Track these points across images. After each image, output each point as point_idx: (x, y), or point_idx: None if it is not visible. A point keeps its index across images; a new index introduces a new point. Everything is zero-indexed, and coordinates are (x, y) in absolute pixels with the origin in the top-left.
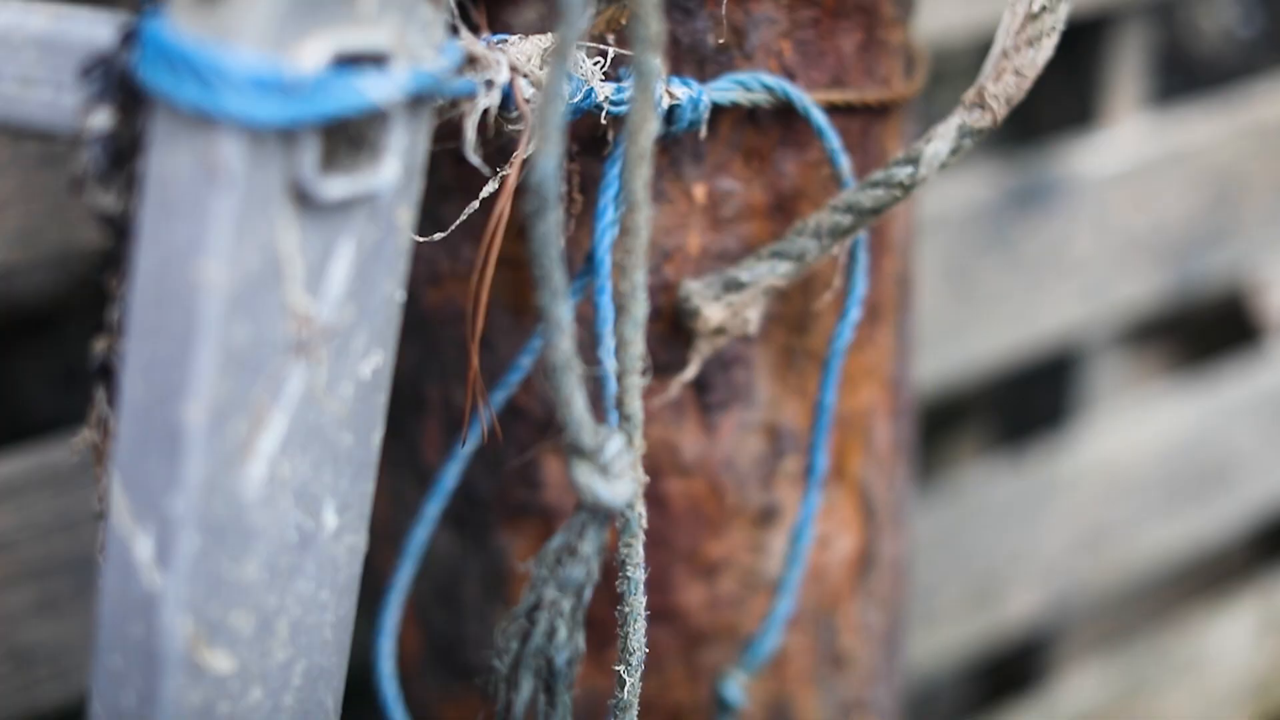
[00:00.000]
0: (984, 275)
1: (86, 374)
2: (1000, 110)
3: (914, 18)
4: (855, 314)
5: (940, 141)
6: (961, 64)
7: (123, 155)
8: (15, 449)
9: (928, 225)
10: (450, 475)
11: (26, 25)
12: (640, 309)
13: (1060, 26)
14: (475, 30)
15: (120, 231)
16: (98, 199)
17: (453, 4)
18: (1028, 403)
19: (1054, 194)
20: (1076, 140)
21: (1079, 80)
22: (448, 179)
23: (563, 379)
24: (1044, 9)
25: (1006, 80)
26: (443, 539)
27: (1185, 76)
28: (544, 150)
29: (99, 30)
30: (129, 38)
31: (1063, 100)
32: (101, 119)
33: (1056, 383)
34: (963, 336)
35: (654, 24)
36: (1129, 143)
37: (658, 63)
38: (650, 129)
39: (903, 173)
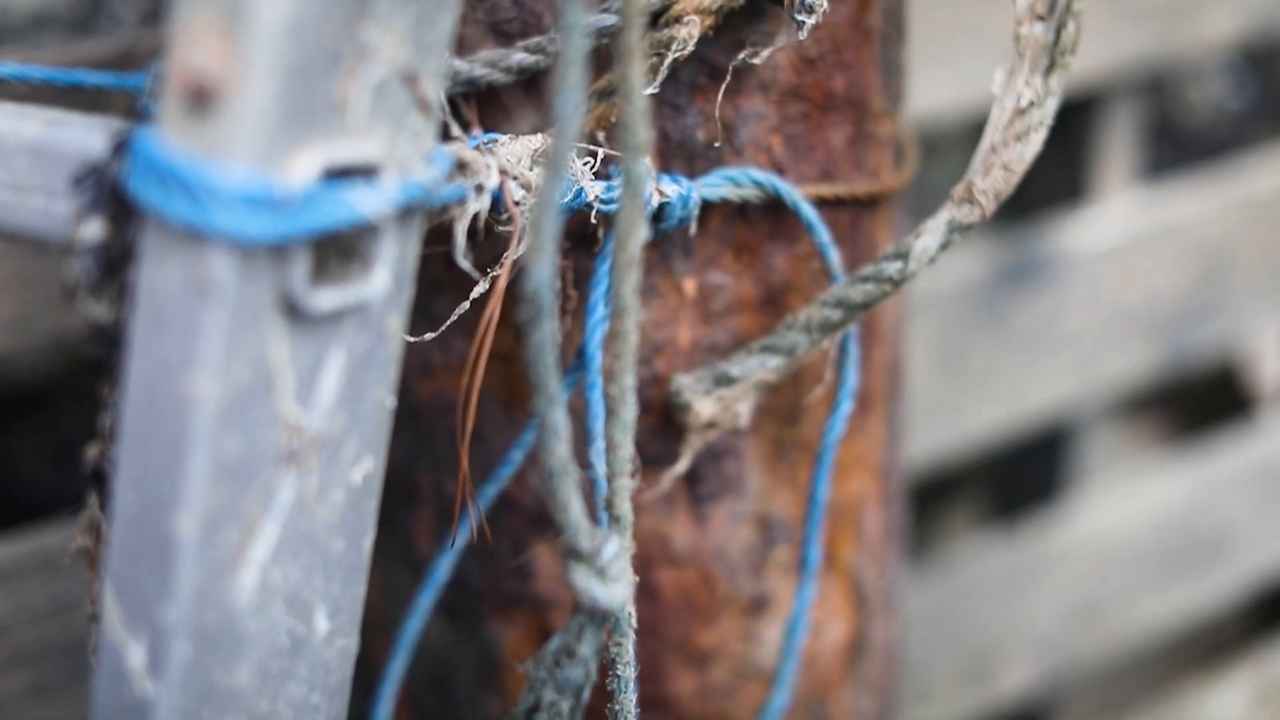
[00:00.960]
0: (976, 351)
1: (80, 449)
2: (989, 205)
3: (903, 109)
4: (846, 407)
5: (929, 237)
6: (954, 137)
7: (114, 265)
8: (9, 533)
9: (920, 303)
10: (443, 568)
11: (19, 132)
12: (629, 412)
13: (1048, 122)
14: (466, 126)
15: (112, 341)
16: (89, 309)
17: (444, 100)
18: (1020, 476)
19: (1045, 270)
20: (1067, 216)
21: (1069, 157)
22: (439, 274)
23: (559, 483)
24: (1032, 104)
25: (995, 175)
26: (435, 628)
27: (1176, 147)
28: (538, 261)
29: (91, 139)
30: (120, 148)
31: (1053, 176)
32: (93, 229)
33: (1049, 456)
34: (955, 413)
35: (642, 131)
36: (1119, 218)
37: (646, 169)
38: (639, 235)
39: (892, 268)
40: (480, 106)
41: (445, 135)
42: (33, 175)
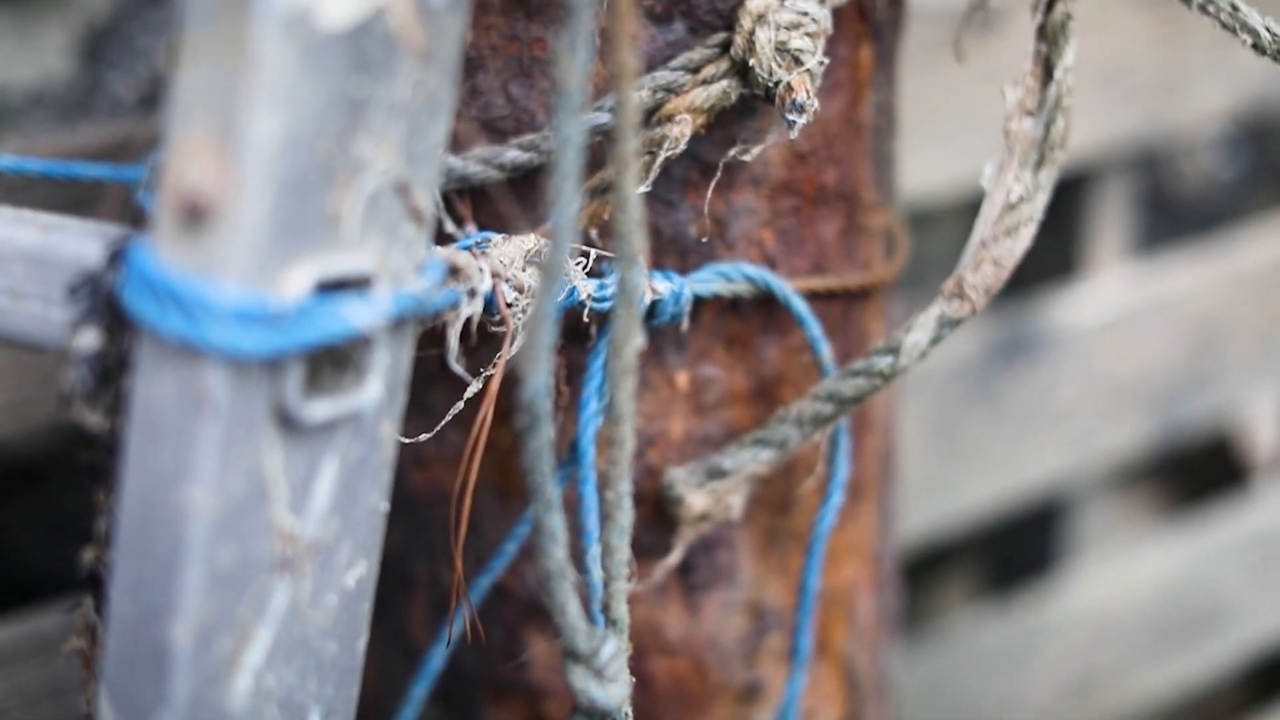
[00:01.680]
0: (969, 428)
1: (75, 524)
2: (979, 300)
3: (894, 200)
4: (838, 498)
5: (920, 331)
6: (945, 209)
7: (109, 374)
8: (5, 616)
9: (914, 380)
10: (436, 658)
11: (16, 238)
12: (625, 517)
13: (1039, 216)
14: (460, 222)
15: (108, 448)
16: (85, 417)
17: (438, 197)
18: (1015, 549)
19: (1038, 346)
20: (1060, 292)
21: (1062, 233)
22: (433, 367)
23: (557, 586)
24: (1022, 199)
25: (985, 270)
26: (430, 713)
27: (1169, 217)
28: (533, 371)
29: (87, 247)
30: (116, 258)
31: (1046, 252)
32: (88, 339)
33: (1044, 529)
34: (949, 489)
35: (636, 241)
36: (1112, 293)
37: (640, 279)
38: (634, 344)
39: (883, 362)
40: (474, 201)
41: (440, 231)
42: (29, 282)
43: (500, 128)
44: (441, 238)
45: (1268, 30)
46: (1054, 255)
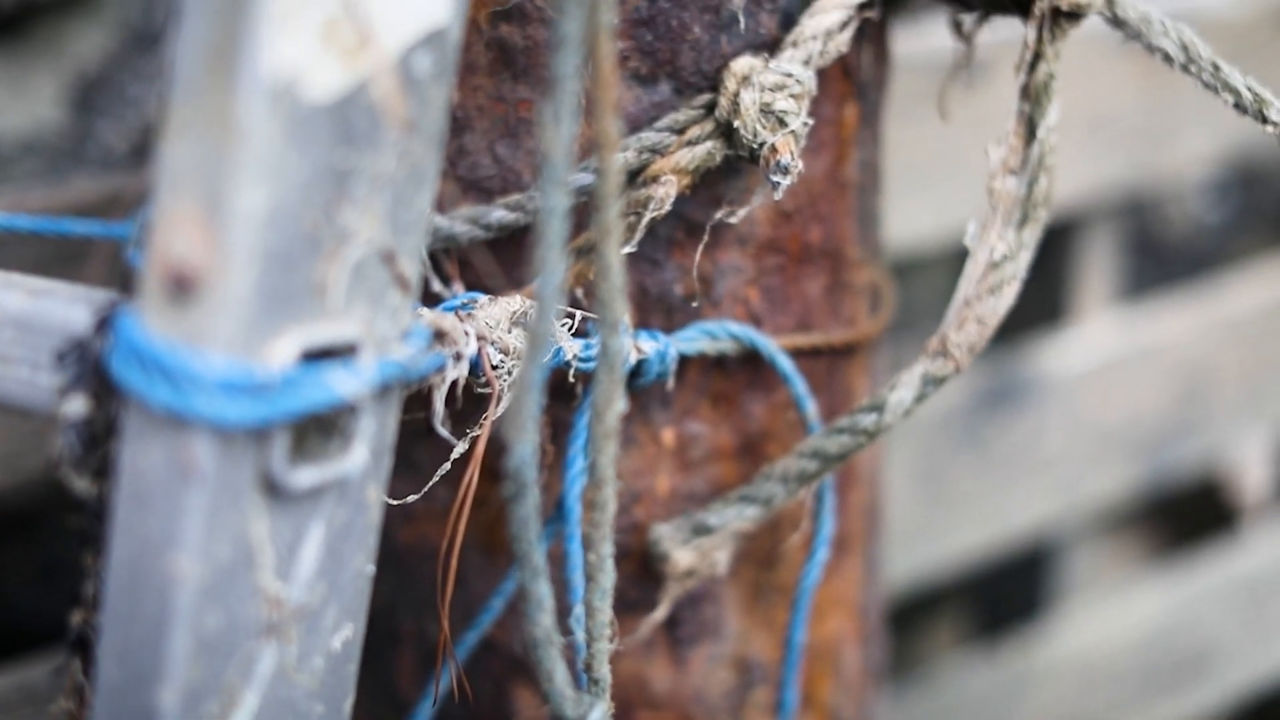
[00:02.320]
0: (956, 476)
1: (65, 570)
2: (963, 359)
3: (879, 256)
4: (823, 554)
5: (904, 389)
6: (932, 256)
7: (97, 440)
8: None
9: (900, 428)
10: (424, 712)
11: (4, 303)
12: (608, 579)
13: (1022, 274)
14: (447, 280)
15: (96, 514)
16: (73, 482)
17: (425, 256)
18: (1003, 594)
19: (1025, 393)
20: (1047, 339)
21: (1049, 280)
22: (420, 423)
23: (544, 653)
24: (1005, 258)
25: (969, 328)
26: None
27: (1155, 261)
28: (519, 440)
29: (75, 313)
30: (103, 324)
31: (1033, 300)
32: (76, 406)
33: (1031, 574)
34: (936, 535)
35: (619, 307)
36: (1099, 339)
37: (623, 344)
38: (616, 409)
39: (868, 419)
40: (462, 259)
41: (426, 289)
42: (17, 347)
43: (487, 187)
44: (428, 296)
45: (1249, 90)
46: (1041, 302)
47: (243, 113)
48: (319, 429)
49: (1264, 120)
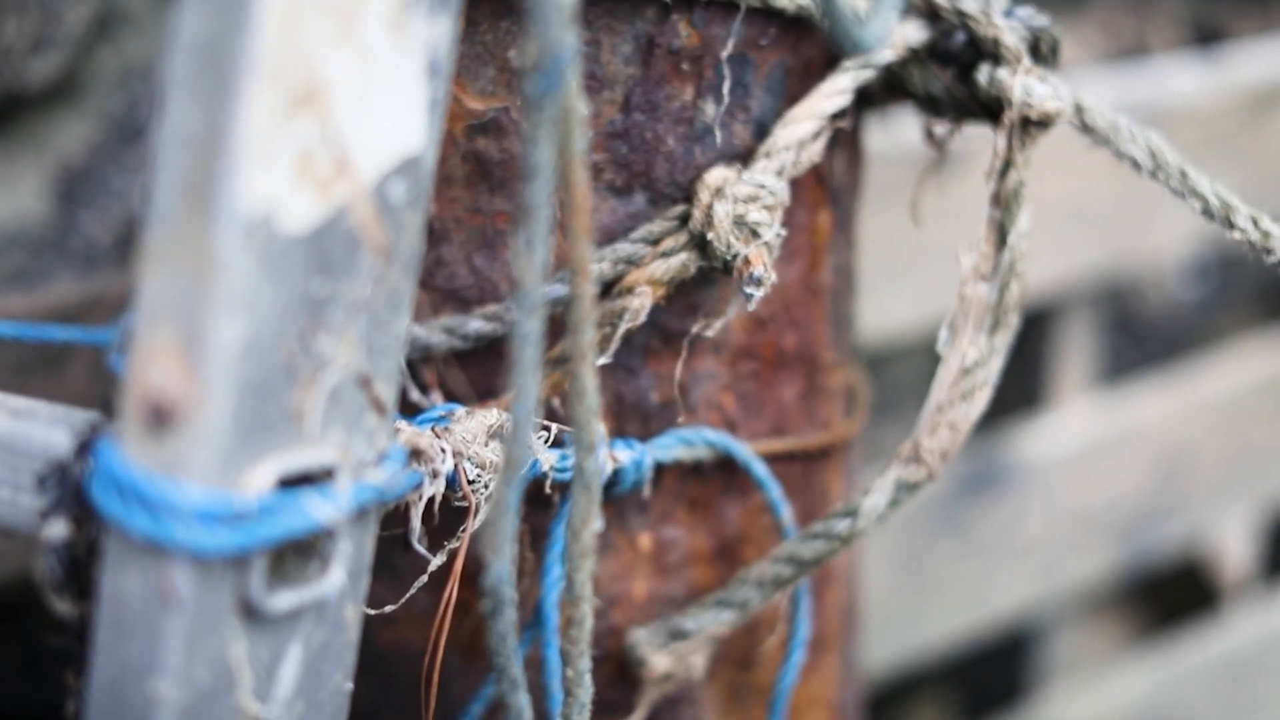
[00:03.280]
0: (937, 561)
1: (50, 661)
2: (936, 465)
3: (854, 357)
4: (799, 656)
5: (878, 495)
6: (910, 344)
7: (79, 563)
8: None
9: None
10: None
11: None
12: (586, 694)
13: (993, 380)
14: (425, 389)
15: (77, 635)
16: (55, 605)
17: (404, 365)
18: (985, 679)
19: (1005, 478)
20: (1025, 424)
21: (1027, 366)
22: (398, 537)
23: None
24: (977, 364)
25: (941, 434)
26: None
27: (1134, 339)
28: (496, 558)
29: (55, 436)
30: (84, 448)
31: (1011, 385)
32: (57, 529)
33: (1013, 658)
34: (916, 621)
35: (592, 430)
36: (1077, 423)
37: (598, 464)
38: (592, 528)
39: (841, 525)
40: (440, 367)
41: (404, 399)
42: None
43: (464, 297)
44: (406, 405)
45: (1216, 196)
46: (1019, 388)
47: (219, 247)
48: (297, 552)
49: (1230, 226)
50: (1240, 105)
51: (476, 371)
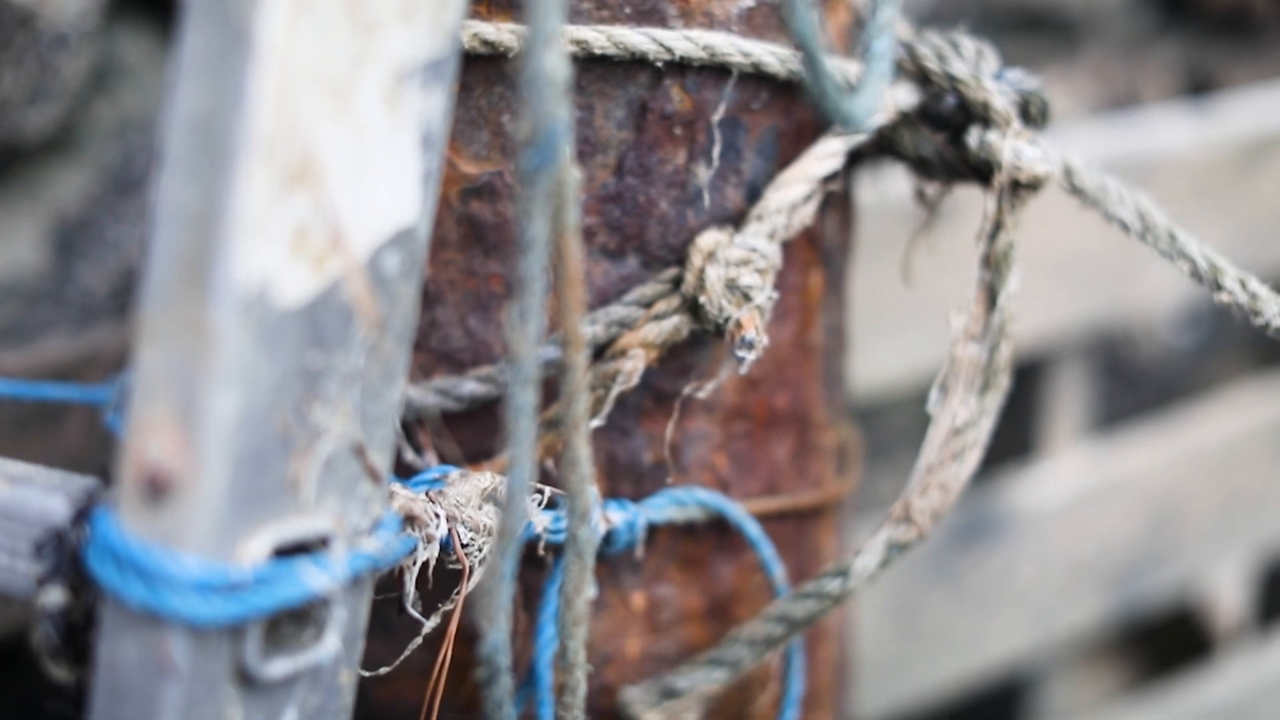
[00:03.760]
0: (929, 610)
1: (44, 708)
2: (927, 525)
3: (845, 417)
4: (792, 715)
5: (869, 555)
6: (903, 395)
7: (75, 629)
8: None
9: None
10: None
11: None
12: None
13: (984, 440)
14: (419, 450)
15: (75, 701)
16: (52, 671)
17: (398, 426)
18: None
19: (997, 528)
20: (1018, 474)
21: (1019, 417)
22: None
23: None
24: (967, 424)
25: (932, 495)
26: None
27: (1126, 384)
28: (491, 628)
29: (52, 503)
30: (81, 516)
31: (1004, 436)
32: (54, 596)
33: (1007, 707)
34: (910, 671)
35: (586, 497)
36: (1069, 473)
37: (591, 531)
38: (586, 596)
39: (833, 584)
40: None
41: (399, 459)
42: None
43: (459, 359)
44: (401, 466)
45: (1204, 258)
46: (1012, 438)
47: (215, 322)
48: (292, 619)
49: (1219, 288)
50: (1231, 157)
51: (470, 432)
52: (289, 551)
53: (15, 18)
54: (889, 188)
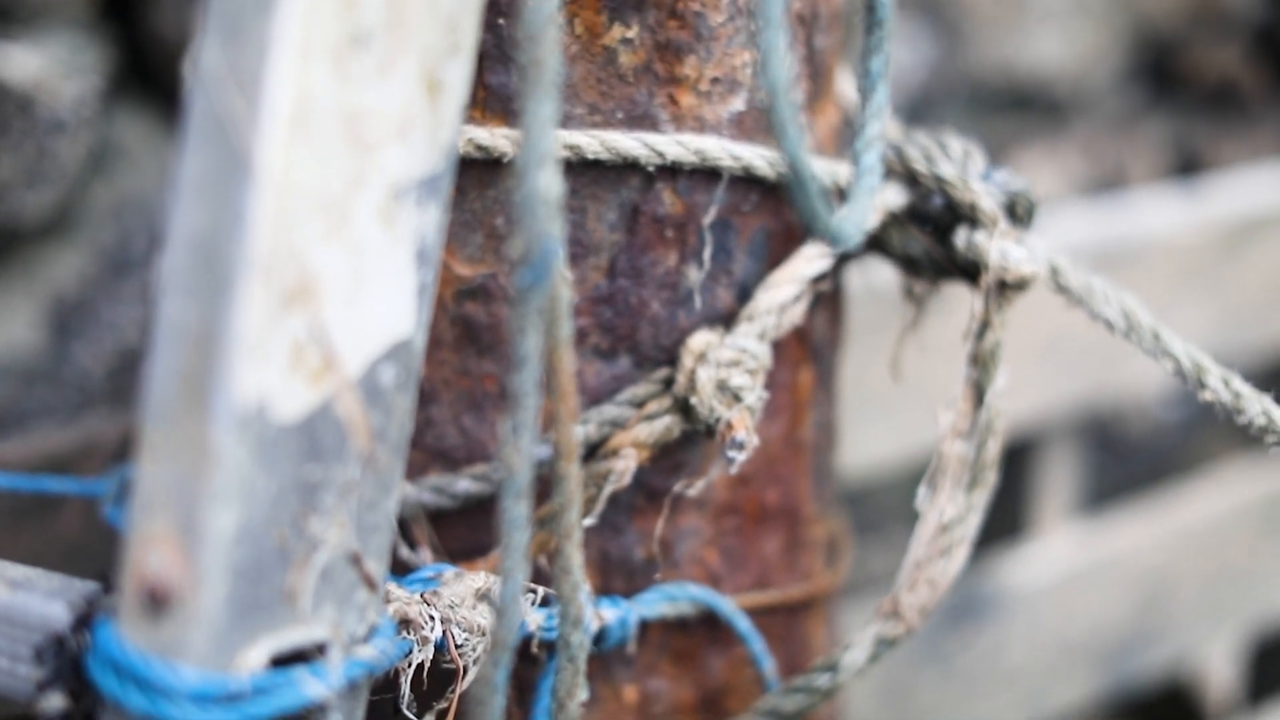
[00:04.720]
0: (920, 690)
1: None
2: (915, 620)
3: (834, 510)
4: None
5: (858, 650)
6: (895, 476)
7: None
8: None
9: None
10: None
11: None
12: None
13: (971, 536)
14: (414, 546)
15: None
16: None
17: (393, 522)
18: None
19: (987, 608)
20: (1007, 553)
21: (1009, 497)
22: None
23: None
24: (955, 520)
25: (920, 590)
26: None
27: (1116, 459)
28: None
29: (53, 609)
30: (81, 622)
31: (993, 516)
32: (54, 701)
33: None
34: None
35: (577, 603)
36: (1059, 552)
37: (583, 638)
38: (578, 698)
39: (822, 679)
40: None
41: (394, 557)
42: None
43: (453, 457)
44: (396, 564)
45: (1188, 357)
46: (1001, 518)
47: (215, 440)
48: None
49: (1202, 387)
50: (1217, 238)
51: (465, 529)
52: (287, 660)
53: (14, 103)
54: (876, 274)
